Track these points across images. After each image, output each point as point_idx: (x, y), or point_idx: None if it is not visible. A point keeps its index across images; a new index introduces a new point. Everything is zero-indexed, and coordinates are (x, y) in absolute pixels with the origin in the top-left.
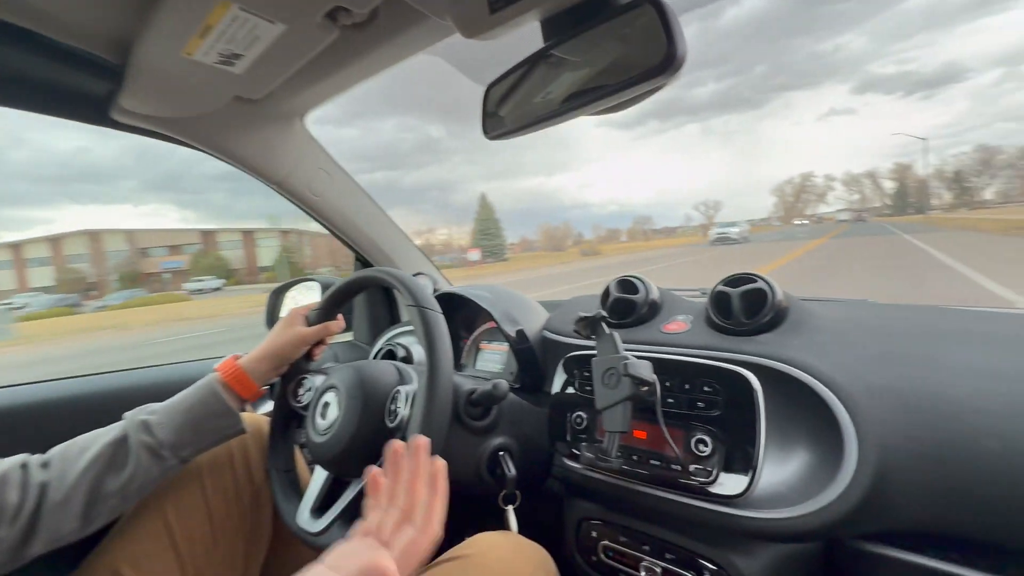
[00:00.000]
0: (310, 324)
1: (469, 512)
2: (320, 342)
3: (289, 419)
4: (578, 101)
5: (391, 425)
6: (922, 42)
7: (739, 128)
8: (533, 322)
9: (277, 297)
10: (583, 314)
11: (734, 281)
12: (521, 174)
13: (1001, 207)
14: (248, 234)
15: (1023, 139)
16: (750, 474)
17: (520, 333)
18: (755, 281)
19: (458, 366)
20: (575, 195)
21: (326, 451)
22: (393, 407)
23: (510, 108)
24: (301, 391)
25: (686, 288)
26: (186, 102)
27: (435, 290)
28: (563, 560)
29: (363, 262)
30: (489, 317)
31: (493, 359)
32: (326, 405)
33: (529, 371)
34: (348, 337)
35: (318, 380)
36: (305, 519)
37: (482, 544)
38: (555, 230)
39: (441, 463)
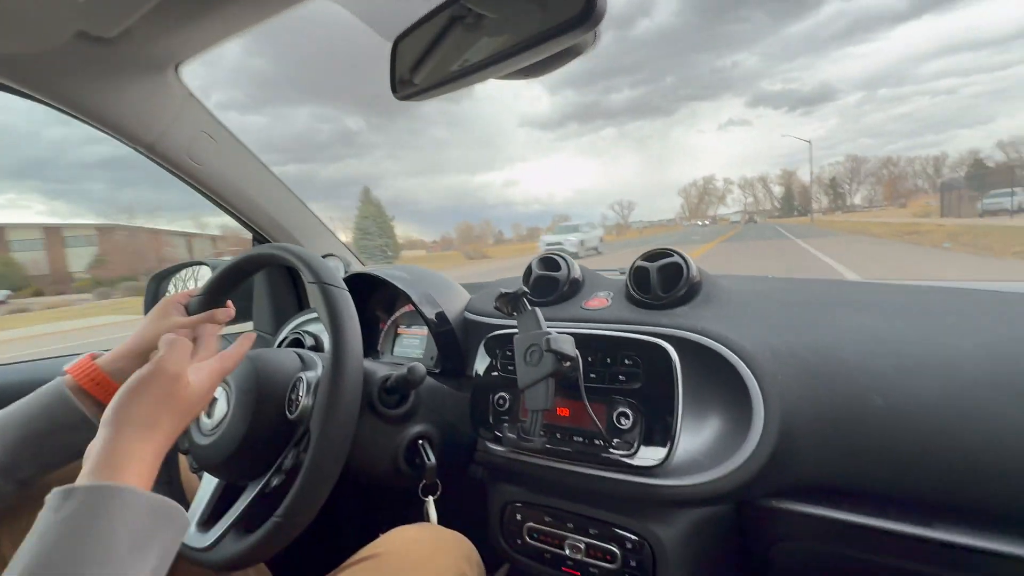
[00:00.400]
0: (191, 313)
1: (385, 506)
2: None
3: None
4: (491, 59)
5: (292, 416)
6: (802, 64)
7: (652, 133)
8: (454, 304)
9: (159, 285)
10: (504, 291)
11: (652, 256)
12: (445, 171)
13: (867, 211)
14: (54, 231)
15: (882, 152)
16: (669, 444)
17: (440, 315)
18: (672, 256)
19: (375, 352)
20: (499, 193)
21: (214, 454)
22: (294, 396)
23: (418, 68)
24: None
25: (604, 268)
26: (15, 33)
27: (348, 272)
28: (487, 547)
29: (261, 241)
30: (407, 300)
31: (412, 344)
32: (212, 402)
33: (450, 354)
34: (247, 327)
35: None
36: (190, 535)
37: (399, 539)
38: (471, 229)
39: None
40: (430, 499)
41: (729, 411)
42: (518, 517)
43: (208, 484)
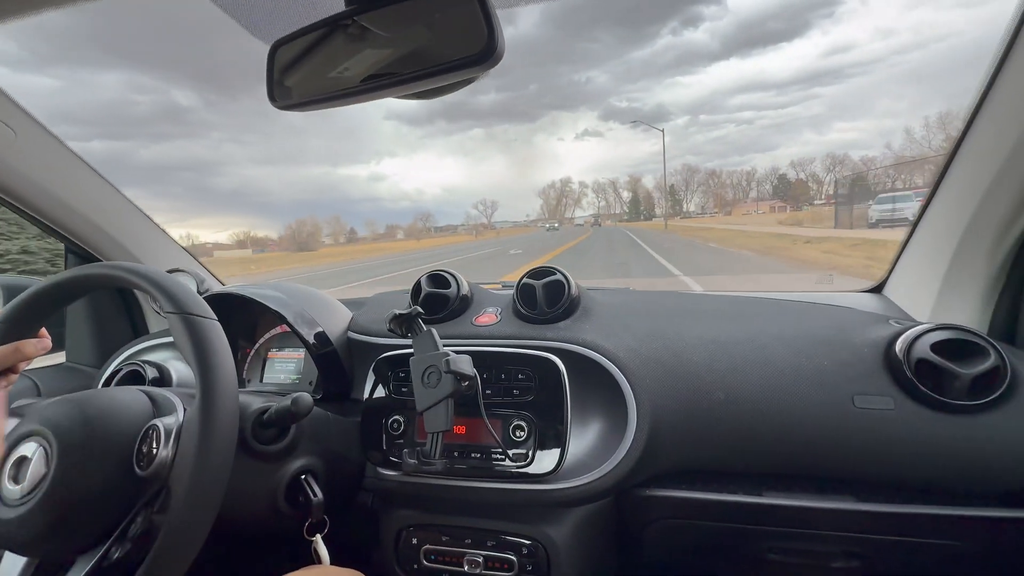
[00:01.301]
0: None
1: (264, 553)
2: (8, 370)
3: None
4: (382, 81)
5: (143, 473)
6: (643, 87)
7: (517, 137)
8: (335, 323)
9: None
10: (398, 312)
11: (537, 274)
12: (303, 161)
13: (700, 217)
14: None
15: (708, 166)
16: (560, 450)
17: (320, 336)
18: (555, 274)
19: (240, 382)
20: (365, 188)
21: (26, 530)
22: (147, 448)
23: (300, 78)
24: None
25: (489, 281)
26: None
27: (203, 291)
28: None
29: (80, 256)
30: (278, 320)
31: (286, 369)
32: (22, 462)
33: (333, 378)
34: (59, 359)
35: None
36: None
37: None
38: (316, 225)
39: None
40: (318, 537)
41: (608, 414)
42: (414, 541)
43: (12, 565)
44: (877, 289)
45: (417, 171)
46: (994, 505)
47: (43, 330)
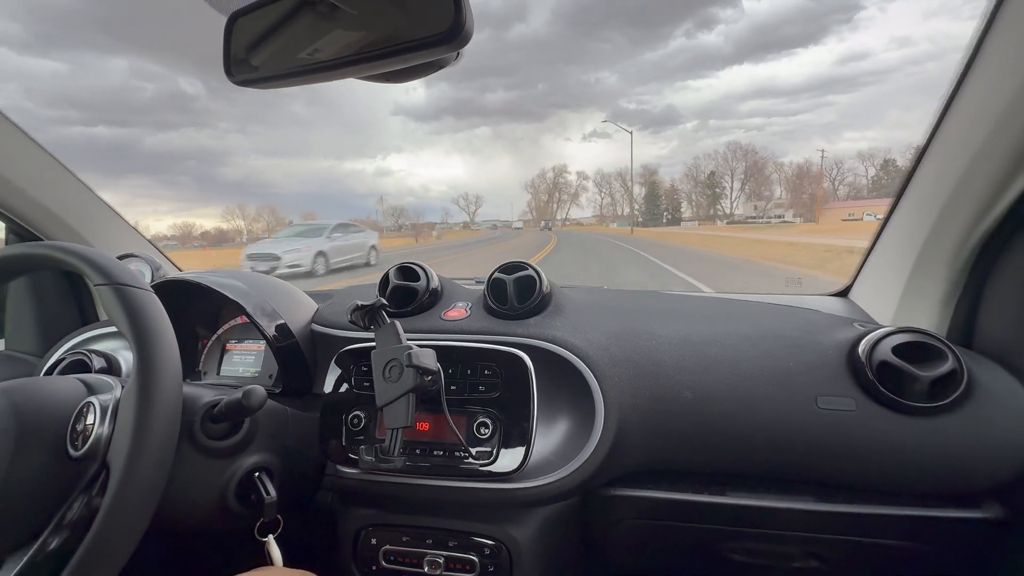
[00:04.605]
0: None
1: (213, 554)
2: None
3: None
4: (344, 59)
5: (78, 453)
6: (653, 89)
7: (524, 136)
8: (298, 315)
9: None
10: (361, 303)
11: (508, 268)
12: (309, 154)
13: (758, 223)
14: None
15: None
16: (525, 448)
17: (281, 328)
18: (527, 269)
19: (195, 374)
20: (371, 183)
21: None
22: (80, 427)
23: (259, 52)
24: None
25: (462, 277)
26: None
27: (158, 277)
28: None
29: (23, 239)
30: (238, 311)
31: (245, 361)
32: None
33: (294, 372)
34: None
35: None
36: None
37: None
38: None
39: None
40: (271, 538)
41: (575, 413)
42: (373, 541)
43: None
44: (843, 293)
45: (424, 168)
46: (952, 506)
47: None
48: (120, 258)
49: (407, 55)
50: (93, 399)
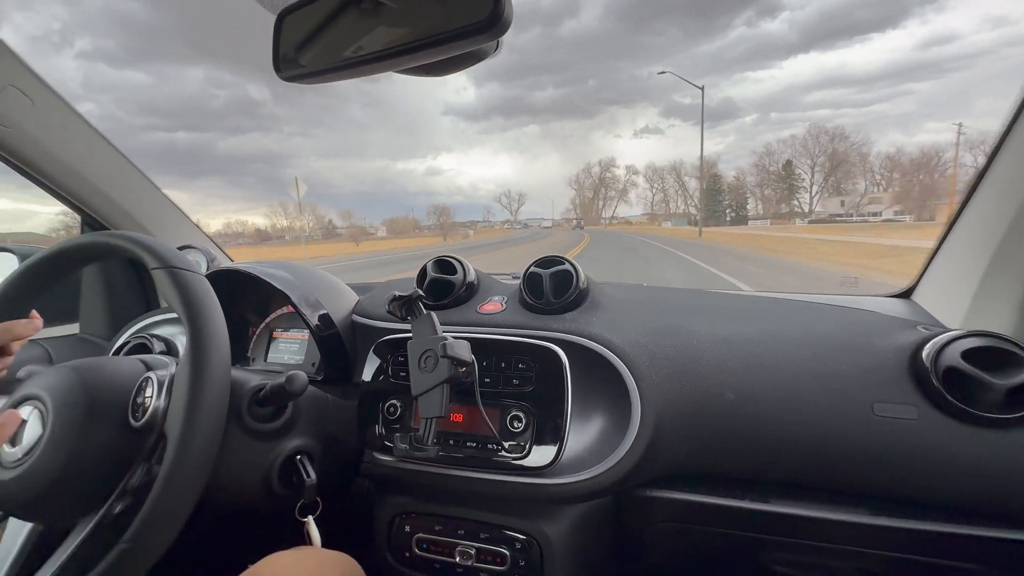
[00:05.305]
0: None
1: (256, 531)
2: (0, 351)
3: None
4: (385, 52)
5: (138, 424)
6: (709, 83)
7: (572, 134)
8: (340, 306)
9: None
10: (398, 293)
11: (545, 263)
12: (365, 155)
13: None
14: None
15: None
16: (558, 444)
17: (324, 318)
18: (563, 264)
19: (244, 359)
20: (421, 182)
21: (23, 491)
22: (140, 399)
23: (305, 48)
24: None
25: (500, 272)
26: None
27: (212, 267)
28: (373, 564)
29: (96, 229)
30: (285, 301)
31: (290, 349)
32: (19, 425)
33: (335, 361)
34: (74, 330)
35: (1, 402)
36: None
37: (275, 567)
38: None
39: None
40: (310, 519)
41: (611, 410)
42: (407, 528)
43: (18, 531)
44: (906, 294)
45: (473, 167)
46: (1022, 528)
47: (33, 311)
48: (179, 249)
49: (446, 46)
50: (151, 374)
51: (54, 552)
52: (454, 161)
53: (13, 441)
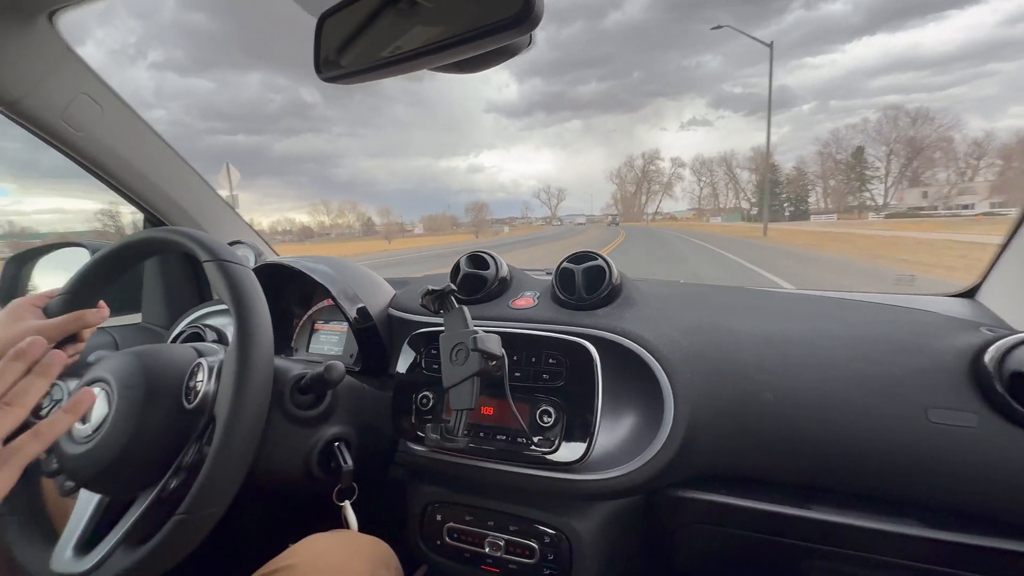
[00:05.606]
0: (51, 315)
1: (296, 513)
2: (73, 338)
3: None
4: (417, 51)
5: (190, 405)
6: (763, 70)
7: (616, 128)
8: (377, 299)
9: (19, 268)
10: (431, 287)
11: (577, 258)
12: (409, 153)
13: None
14: None
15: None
16: (588, 440)
17: (362, 311)
18: (596, 259)
19: (288, 349)
20: (463, 180)
21: (92, 464)
22: (192, 383)
23: (345, 50)
24: (46, 403)
25: (533, 268)
26: None
27: (259, 261)
28: (406, 550)
29: (156, 224)
30: (326, 294)
31: (330, 341)
32: (92, 403)
33: (372, 352)
34: (136, 319)
35: (73, 384)
36: (65, 561)
37: (313, 548)
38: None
39: (59, 354)
40: (347, 503)
41: (643, 408)
42: (438, 517)
43: (87, 501)
44: (969, 293)
45: (514, 163)
46: None
47: (101, 302)
48: (229, 244)
49: (479, 42)
50: (202, 360)
51: (118, 521)
52: (496, 158)
53: (84, 419)
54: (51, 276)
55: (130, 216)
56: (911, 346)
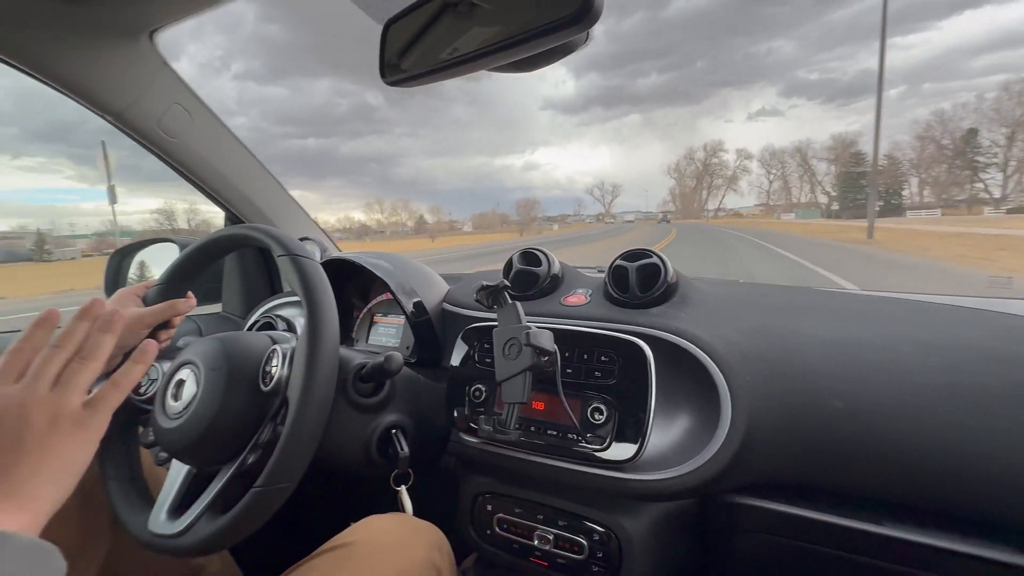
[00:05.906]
0: (149, 303)
1: (356, 495)
2: (165, 324)
3: (130, 419)
4: (477, 52)
5: (266, 388)
6: (843, 54)
7: (677, 121)
8: (432, 294)
9: (121, 261)
10: (486, 283)
11: (631, 256)
12: (465, 152)
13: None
14: None
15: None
16: (640, 440)
17: (418, 305)
18: (650, 257)
19: (349, 340)
20: (519, 177)
21: (182, 438)
22: (268, 368)
23: (407, 54)
24: (144, 382)
25: (584, 265)
26: None
27: (324, 256)
28: (456, 536)
29: (235, 222)
30: (385, 288)
31: (388, 333)
32: (180, 384)
33: (427, 345)
34: (217, 309)
35: (167, 365)
36: (160, 523)
37: (371, 528)
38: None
39: (151, 343)
40: (403, 489)
41: (698, 410)
42: (489, 508)
43: (178, 471)
44: None
45: (570, 160)
46: None
47: (189, 292)
48: (299, 239)
49: (537, 40)
50: (276, 347)
51: (204, 490)
52: (552, 155)
53: (176, 396)
54: (146, 268)
55: (184, 216)
56: (1006, 355)
